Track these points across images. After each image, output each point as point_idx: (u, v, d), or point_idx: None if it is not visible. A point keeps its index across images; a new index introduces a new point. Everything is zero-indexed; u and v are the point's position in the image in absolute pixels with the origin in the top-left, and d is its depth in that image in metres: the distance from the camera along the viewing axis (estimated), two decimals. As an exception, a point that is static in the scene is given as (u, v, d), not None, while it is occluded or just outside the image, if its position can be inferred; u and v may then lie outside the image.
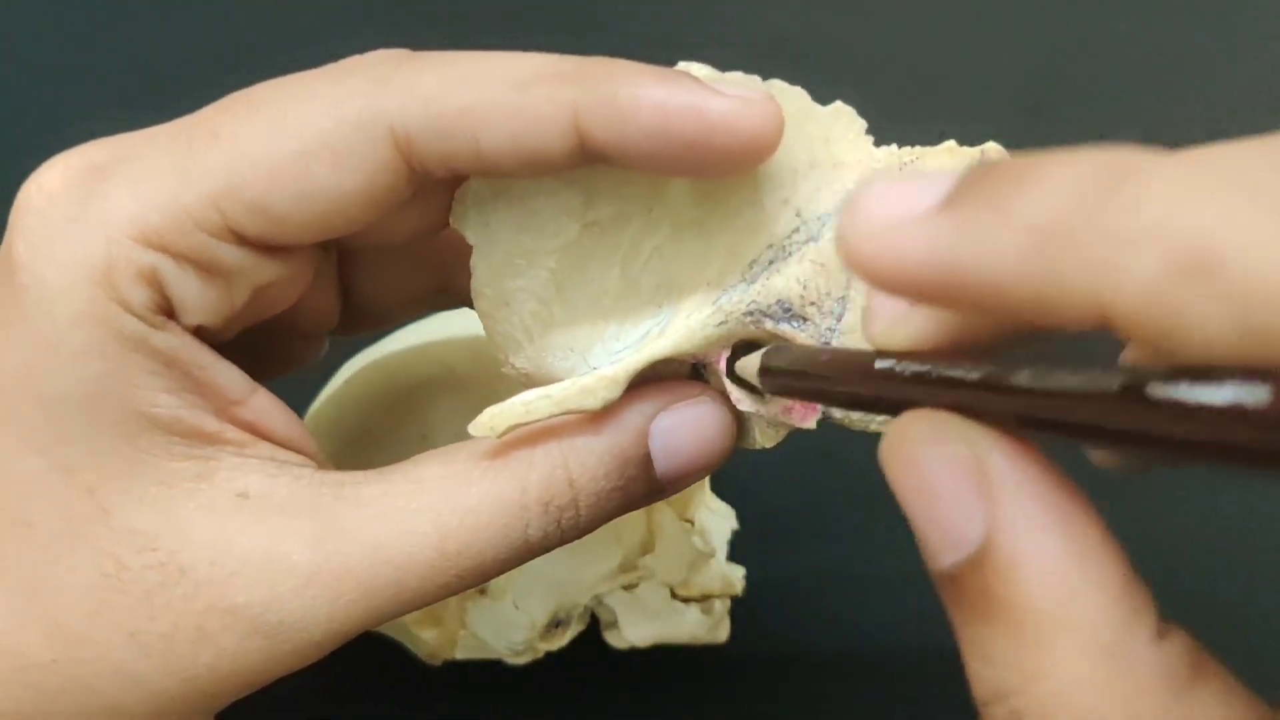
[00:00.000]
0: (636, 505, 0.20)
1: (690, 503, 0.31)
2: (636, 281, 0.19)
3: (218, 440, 0.19)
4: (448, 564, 0.18)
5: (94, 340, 0.17)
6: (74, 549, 0.18)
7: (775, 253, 0.19)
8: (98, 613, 0.18)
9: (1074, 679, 0.12)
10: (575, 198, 0.19)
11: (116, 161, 0.18)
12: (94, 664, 0.18)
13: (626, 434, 0.19)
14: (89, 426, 0.18)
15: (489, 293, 0.19)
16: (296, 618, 0.18)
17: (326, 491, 0.19)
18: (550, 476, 0.19)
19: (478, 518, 0.18)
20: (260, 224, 0.18)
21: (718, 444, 0.20)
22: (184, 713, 0.19)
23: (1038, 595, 0.12)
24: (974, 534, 0.13)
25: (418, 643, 0.31)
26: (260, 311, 0.20)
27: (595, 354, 0.19)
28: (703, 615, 0.31)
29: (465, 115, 0.17)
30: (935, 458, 0.13)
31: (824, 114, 0.19)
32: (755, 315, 0.19)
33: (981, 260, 0.12)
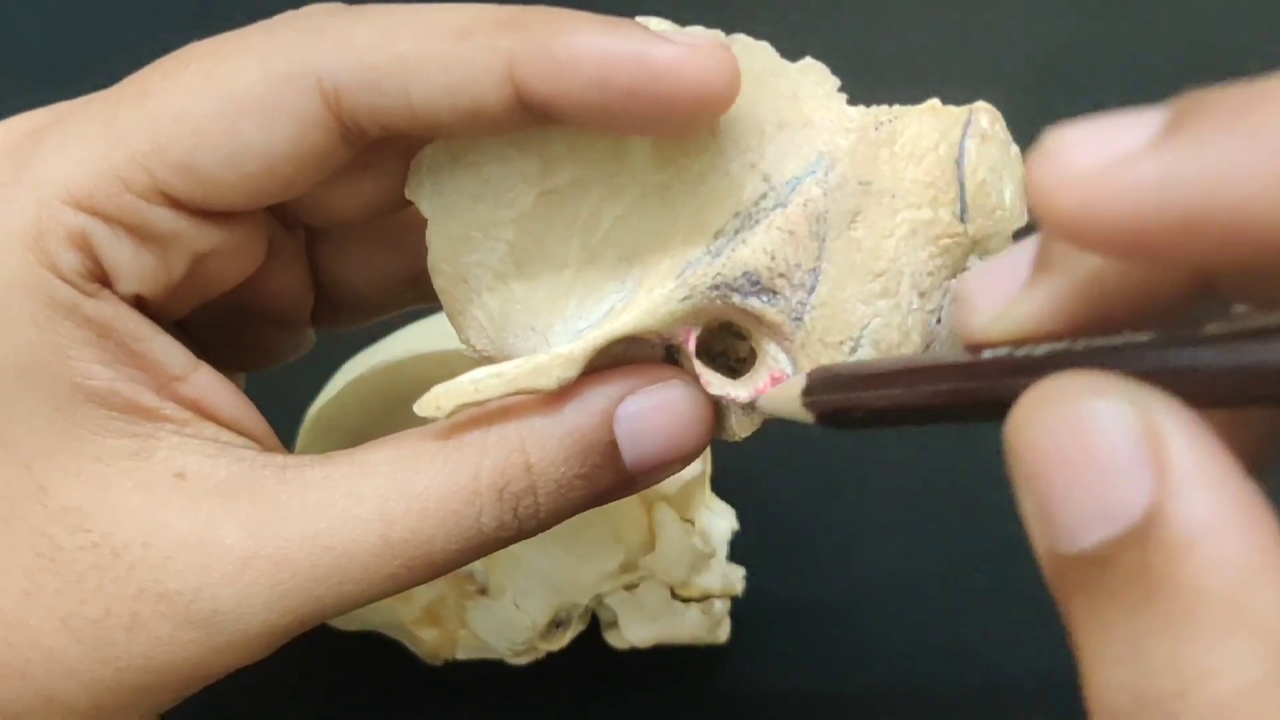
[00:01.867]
0: (605, 497, 0.19)
1: (690, 503, 0.31)
2: (598, 254, 0.18)
3: (157, 417, 0.18)
4: (392, 553, 0.17)
5: (25, 307, 0.17)
6: (10, 528, 0.17)
7: (742, 221, 0.18)
8: (31, 595, 0.17)
9: (1256, 678, 0.10)
10: (531, 164, 0.18)
11: (51, 125, 0.18)
12: (27, 649, 0.17)
13: (589, 417, 0.18)
14: (23, 399, 0.17)
15: (446, 268, 0.18)
16: (231, 606, 0.17)
17: (268, 474, 0.18)
18: (506, 461, 0.18)
19: (425, 504, 0.17)
20: (190, 185, 0.17)
21: (690, 431, 0.18)
22: (122, 706, 0.18)
23: (1215, 577, 0.10)
24: (1139, 503, 0.11)
25: (418, 643, 0.31)
26: (210, 286, 0.19)
27: (556, 332, 0.18)
28: (703, 615, 0.31)
29: (395, 67, 0.17)
30: (1098, 416, 0.11)
31: (792, 71, 0.18)
32: (722, 289, 0.18)
33: (1230, 188, 0.10)
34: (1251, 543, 0.11)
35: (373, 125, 0.17)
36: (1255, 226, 0.10)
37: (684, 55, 0.16)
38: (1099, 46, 0.41)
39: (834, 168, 0.18)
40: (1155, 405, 0.11)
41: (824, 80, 0.18)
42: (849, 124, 0.18)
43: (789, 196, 0.18)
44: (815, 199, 0.18)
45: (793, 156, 0.18)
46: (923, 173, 0.18)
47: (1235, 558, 0.11)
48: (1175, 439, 0.11)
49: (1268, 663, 0.10)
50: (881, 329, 0.18)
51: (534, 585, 0.30)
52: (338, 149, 0.17)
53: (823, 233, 0.18)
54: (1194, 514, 0.11)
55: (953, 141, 0.18)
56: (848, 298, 0.18)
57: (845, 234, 0.18)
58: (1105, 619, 0.12)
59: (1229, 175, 0.10)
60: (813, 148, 0.18)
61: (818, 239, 0.18)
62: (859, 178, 0.18)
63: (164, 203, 0.17)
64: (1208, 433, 0.11)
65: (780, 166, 0.18)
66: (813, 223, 0.18)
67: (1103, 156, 0.11)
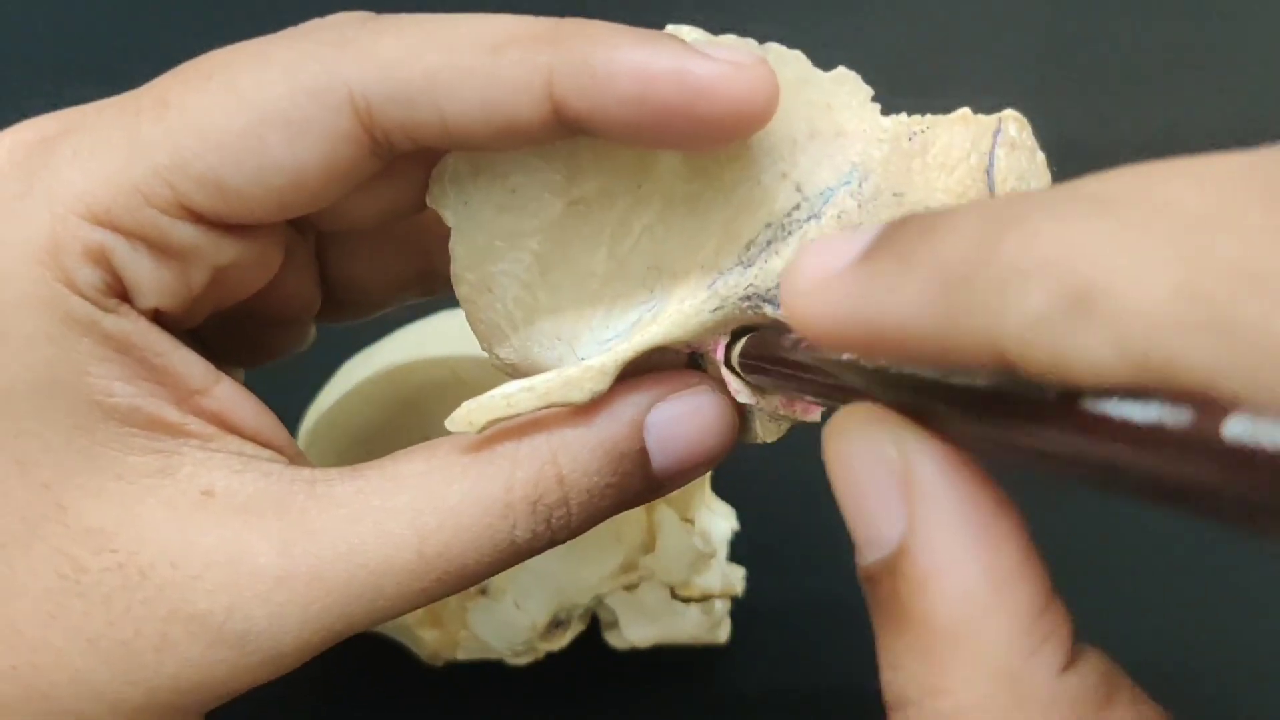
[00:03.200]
0: (633, 503, 0.19)
1: (691, 503, 0.31)
2: (626, 264, 0.18)
3: (180, 432, 0.17)
4: (427, 568, 0.17)
5: (41, 324, 0.16)
6: (31, 549, 0.17)
7: (774, 232, 0.18)
8: (56, 617, 0.17)
9: (971, 701, 0.12)
10: (557, 174, 0.18)
11: (65, 134, 0.17)
12: (52, 672, 0.17)
13: (620, 427, 0.18)
14: (42, 418, 0.17)
15: (470, 278, 0.18)
16: (263, 626, 0.17)
17: (298, 489, 0.18)
18: (538, 473, 0.17)
19: (459, 518, 0.17)
20: (213, 200, 0.17)
21: (718, 437, 0.18)
22: None
23: (945, 609, 0.12)
24: (892, 536, 0.13)
25: (419, 643, 0.31)
26: (226, 296, 0.19)
27: (584, 343, 0.18)
28: (703, 615, 0.31)
29: (428, 81, 0.16)
30: (863, 454, 0.13)
31: (825, 80, 0.18)
32: (753, 300, 0.18)
33: (889, 309, 0.12)
34: (982, 582, 0.12)
35: (404, 139, 0.17)
36: (913, 341, 0.12)
37: (725, 73, 0.16)
38: (1110, 44, 0.41)
39: (868, 179, 0.18)
40: (915, 448, 0.13)
41: (857, 90, 0.18)
42: (882, 135, 0.18)
43: (822, 208, 0.18)
44: (849, 210, 0.18)
45: (826, 166, 0.18)
46: (955, 183, 0.18)
47: (964, 594, 0.12)
48: (926, 482, 0.12)
49: (984, 686, 0.12)
50: None
51: (534, 586, 0.30)
52: (366, 163, 0.17)
53: None
54: (933, 553, 0.12)
55: (983, 151, 0.18)
56: None
57: None
58: (879, 628, 0.13)
59: (889, 299, 0.12)
60: (846, 158, 0.18)
61: None
62: (893, 189, 0.18)
63: (185, 217, 0.17)
64: (966, 476, 0.12)
65: (813, 177, 0.18)
66: None
67: (825, 270, 0.13)
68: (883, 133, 0.18)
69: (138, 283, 0.17)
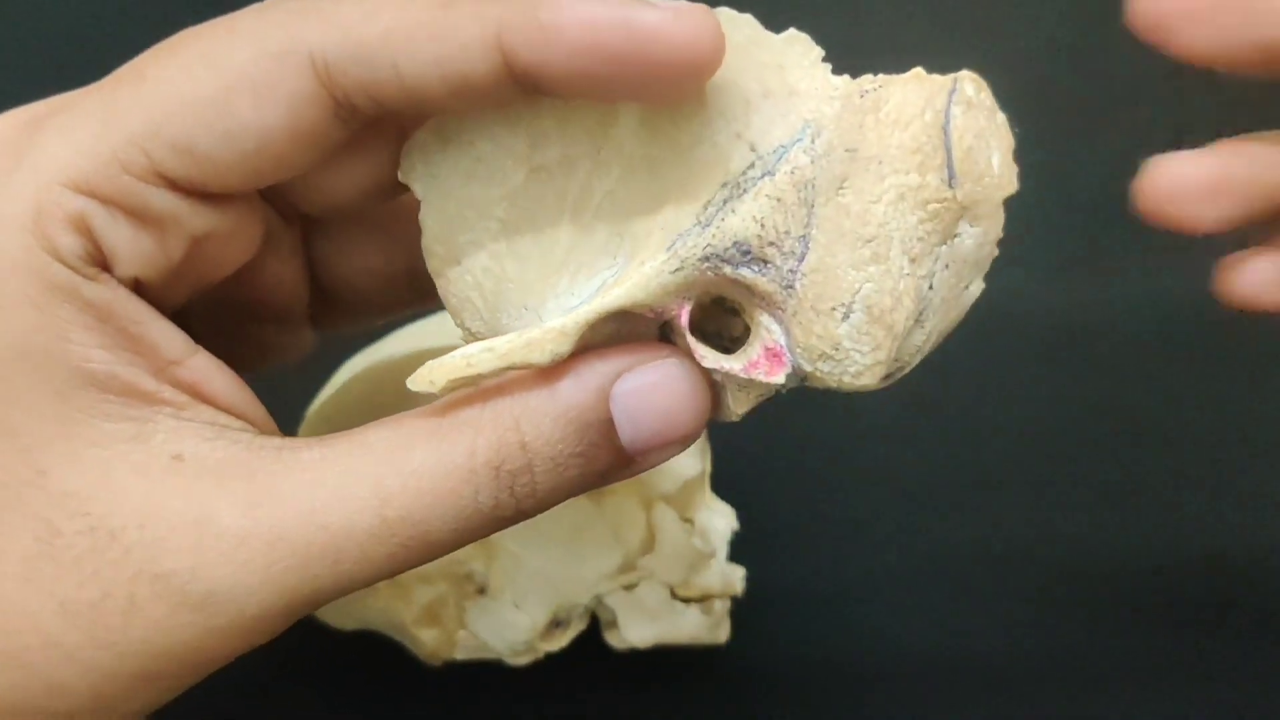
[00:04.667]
0: (606, 477, 0.19)
1: (690, 503, 0.31)
2: (589, 230, 0.18)
3: (155, 400, 0.18)
4: (389, 531, 0.17)
5: (25, 290, 0.17)
6: (11, 514, 0.17)
7: (730, 191, 0.18)
8: (30, 580, 0.17)
9: None
10: (520, 141, 0.18)
11: (53, 113, 0.18)
12: (27, 635, 0.17)
13: (585, 395, 0.18)
14: (24, 383, 0.17)
15: (439, 250, 0.19)
16: (226, 586, 0.17)
17: (265, 455, 0.18)
18: (500, 439, 0.18)
19: (421, 481, 0.17)
20: (187, 166, 0.17)
21: (687, 409, 0.18)
22: (123, 693, 0.18)
23: None
24: None
25: (418, 643, 0.31)
26: (205, 272, 0.19)
27: (550, 310, 0.18)
28: (703, 615, 0.31)
29: (383, 40, 0.17)
30: None
31: (777, 41, 0.18)
32: (712, 260, 0.18)
33: None
34: None
35: (365, 100, 0.17)
36: None
37: (668, 19, 0.16)
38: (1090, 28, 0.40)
39: (820, 135, 0.18)
40: None
41: (808, 50, 0.18)
42: (834, 92, 0.18)
43: (776, 165, 0.18)
44: (803, 166, 0.18)
45: (779, 125, 0.18)
46: (909, 138, 0.18)
47: None
48: None
49: None
50: (873, 294, 0.18)
51: (533, 585, 0.30)
52: (332, 127, 0.18)
53: (811, 199, 0.18)
54: None
55: (938, 109, 0.18)
56: (839, 264, 0.18)
57: (834, 200, 0.18)
58: None
59: None
60: (799, 116, 0.18)
61: (806, 205, 0.18)
62: (845, 144, 0.18)
63: (161, 184, 0.17)
64: None
65: (767, 136, 0.18)
66: (801, 189, 0.18)
67: None
68: (834, 90, 0.18)
69: (116, 250, 0.17)
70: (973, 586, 0.34)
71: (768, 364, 0.19)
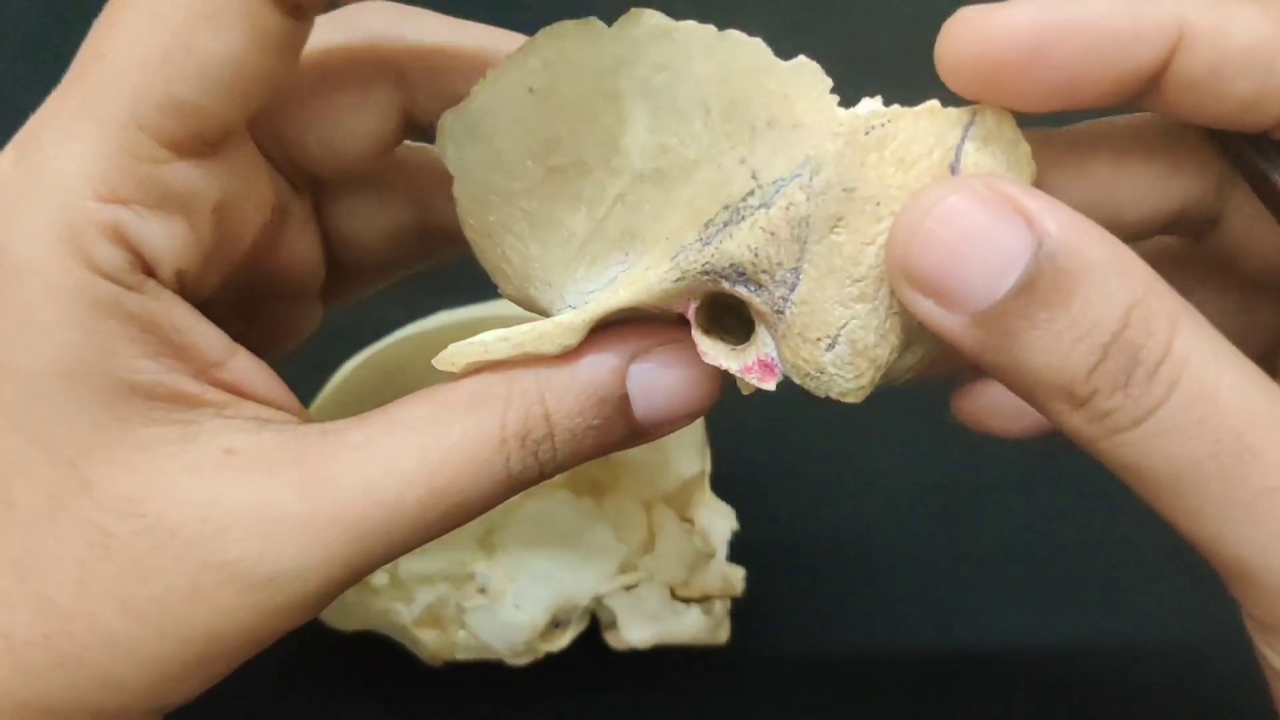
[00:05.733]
0: (618, 445, 0.20)
1: (690, 503, 0.31)
2: (603, 227, 0.19)
3: (199, 403, 0.18)
4: (435, 501, 0.18)
5: (67, 311, 0.17)
6: (59, 523, 0.18)
7: (730, 214, 0.18)
8: (87, 583, 0.18)
9: None
10: (536, 144, 0.18)
11: (41, 128, 0.18)
12: (86, 636, 0.18)
13: (603, 373, 0.19)
14: (67, 399, 0.17)
15: (472, 223, 0.20)
16: (292, 566, 0.18)
17: (312, 440, 0.19)
18: (528, 411, 0.19)
19: (463, 452, 0.18)
20: (181, 122, 0.17)
21: (698, 389, 0.20)
22: (180, 679, 0.18)
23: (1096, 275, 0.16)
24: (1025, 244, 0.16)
25: (418, 644, 0.31)
26: (231, 245, 0.20)
27: (570, 292, 0.19)
28: (703, 616, 0.31)
29: None
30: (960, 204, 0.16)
31: (785, 69, 0.18)
32: (712, 275, 0.19)
33: None
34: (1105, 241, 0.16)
35: None
36: None
37: None
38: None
39: (819, 172, 0.18)
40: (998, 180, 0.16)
41: (817, 80, 0.18)
42: (838, 127, 0.18)
43: (773, 198, 0.18)
44: (798, 203, 0.18)
45: (781, 156, 0.18)
46: (912, 179, 0.17)
47: (1103, 253, 0.16)
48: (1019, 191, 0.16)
49: None
50: (858, 330, 0.18)
51: (534, 586, 0.30)
52: (287, 25, 0.18)
53: (804, 236, 0.18)
54: (1059, 232, 0.16)
55: (949, 146, 0.18)
56: (827, 299, 0.18)
57: (827, 238, 0.18)
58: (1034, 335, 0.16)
59: None
60: (800, 150, 0.18)
61: (799, 242, 0.18)
62: (843, 184, 0.18)
63: (169, 156, 0.18)
64: None
65: (769, 165, 0.18)
66: (794, 226, 0.18)
67: None
68: (839, 126, 0.18)
69: (154, 247, 0.18)
70: (973, 587, 0.34)
71: (760, 372, 0.19)
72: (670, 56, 0.18)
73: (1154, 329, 0.16)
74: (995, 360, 0.17)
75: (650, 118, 0.18)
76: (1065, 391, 0.16)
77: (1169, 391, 0.16)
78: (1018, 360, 0.16)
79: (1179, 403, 0.16)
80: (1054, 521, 0.35)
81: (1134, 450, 0.16)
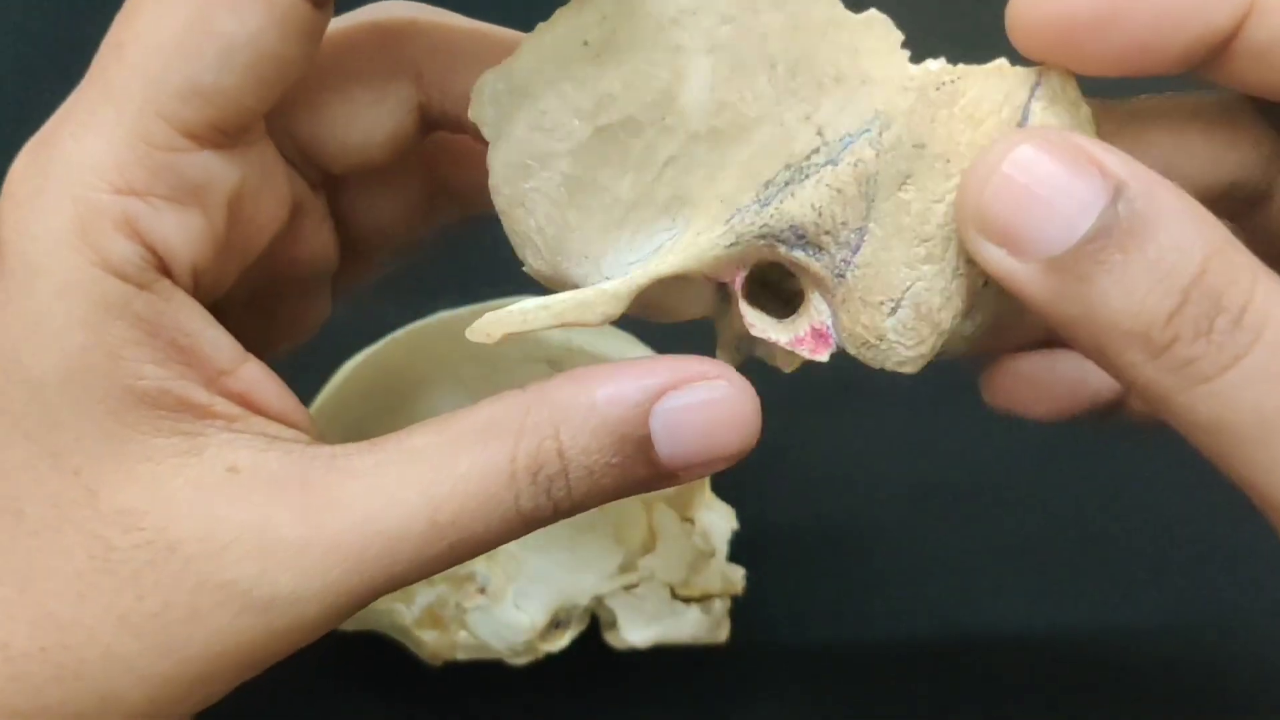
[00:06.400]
0: (644, 486, 0.19)
1: (691, 503, 0.31)
2: (650, 191, 0.18)
3: (207, 414, 0.18)
4: (439, 534, 0.18)
5: (75, 311, 0.17)
6: (63, 534, 0.17)
7: (792, 174, 0.18)
8: (86, 596, 0.17)
9: None
10: (586, 100, 0.18)
11: (60, 125, 0.18)
12: (83, 649, 0.17)
13: (624, 410, 0.18)
14: (74, 406, 0.17)
15: (506, 191, 0.19)
16: (288, 591, 0.17)
17: (318, 464, 0.18)
18: (540, 446, 0.18)
19: (468, 484, 0.18)
20: (200, 108, 0.17)
21: (733, 432, 0.18)
22: (179, 698, 0.18)
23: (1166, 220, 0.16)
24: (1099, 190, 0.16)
25: (419, 644, 0.31)
26: (247, 241, 0.19)
27: (608, 263, 0.19)
28: (703, 615, 0.31)
29: None
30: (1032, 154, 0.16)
31: (854, 23, 0.17)
32: (768, 239, 0.18)
33: None
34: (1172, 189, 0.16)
35: None
36: None
37: None
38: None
39: (889, 128, 0.17)
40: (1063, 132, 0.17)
41: (887, 35, 0.18)
42: (909, 83, 0.17)
43: (840, 154, 0.18)
44: (867, 159, 0.18)
45: (848, 113, 0.18)
46: (981, 136, 0.17)
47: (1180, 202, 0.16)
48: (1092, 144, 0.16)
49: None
50: (923, 292, 0.18)
51: (534, 586, 0.30)
52: (306, 9, 0.17)
53: (872, 194, 0.18)
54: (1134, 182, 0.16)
55: (1017, 104, 0.17)
56: (892, 259, 0.18)
57: (895, 196, 0.18)
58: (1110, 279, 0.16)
59: None
60: (869, 105, 0.17)
61: (866, 199, 0.18)
62: (914, 140, 0.17)
63: (187, 145, 0.17)
64: None
65: (835, 122, 0.18)
66: (862, 183, 0.18)
67: None
68: (909, 81, 0.17)
69: (169, 242, 0.17)
70: (973, 586, 0.34)
71: (813, 342, 0.19)
72: (738, 8, 0.17)
73: (1235, 277, 0.16)
74: (1067, 311, 0.16)
75: (711, 73, 0.18)
76: (1143, 338, 0.16)
77: (1254, 340, 0.16)
78: (1092, 307, 0.16)
79: (1265, 351, 0.16)
80: (1054, 521, 0.35)
81: (1217, 402, 0.16)
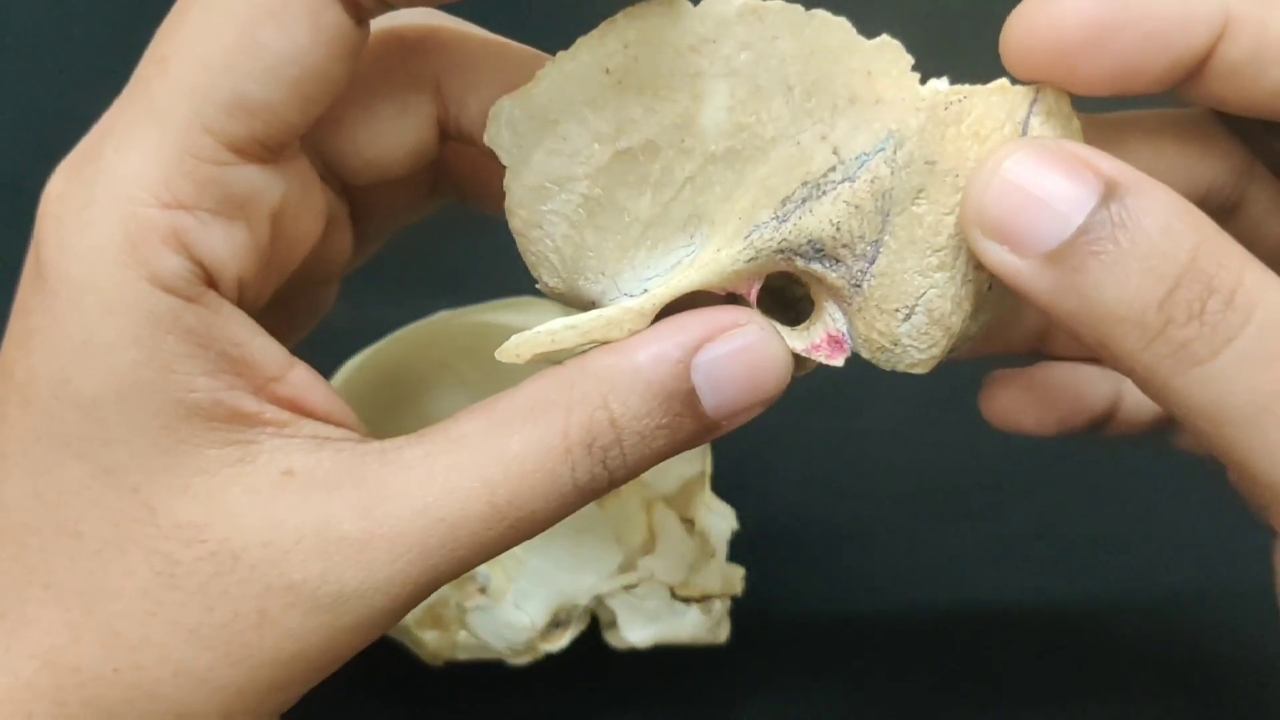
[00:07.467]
0: (691, 443, 0.19)
1: (690, 503, 0.31)
2: (668, 210, 0.19)
3: (258, 422, 0.18)
4: (499, 516, 0.18)
5: (126, 328, 0.17)
6: (124, 553, 0.17)
7: (809, 190, 0.19)
8: (154, 614, 0.17)
9: None
10: (606, 125, 0.18)
11: (102, 139, 0.18)
12: (156, 668, 0.17)
13: (668, 367, 0.18)
14: (128, 423, 0.17)
15: (522, 214, 0.19)
16: (354, 587, 0.18)
17: (370, 460, 0.18)
18: (591, 418, 0.18)
19: (523, 464, 0.18)
20: (245, 122, 0.17)
21: (769, 372, 0.19)
22: (252, 708, 0.18)
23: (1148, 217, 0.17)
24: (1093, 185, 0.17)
25: (419, 644, 0.31)
26: (287, 253, 0.20)
27: (626, 279, 0.19)
28: (703, 615, 0.31)
29: None
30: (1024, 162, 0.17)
31: (868, 47, 0.18)
32: (786, 253, 0.19)
33: None
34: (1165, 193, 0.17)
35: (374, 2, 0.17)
36: None
37: None
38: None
39: (902, 146, 0.18)
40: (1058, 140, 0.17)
41: (898, 59, 0.19)
42: (919, 103, 0.18)
43: (857, 172, 0.19)
44: (882, 177, 0.19)
45: (863, 132, 0.18)
46: (987, 151, 0.18)
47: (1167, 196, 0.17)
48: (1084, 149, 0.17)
49: None
50: (936, 299, 0.19)
51: (534, 586, 0.30)
52: (348, 26, 0.17)
53: (887, 208, 0.19)
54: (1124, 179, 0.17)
55: (1018, 120, 0.19)
56: (906, 269, 0.19)
57: (909, 210, 0.19)
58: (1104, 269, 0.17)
59: None
60: (883, 125, 0.18)
61: (881, 214, 0.19)
62: (925, 157, 0.18)
63: (232, 159, 0.17)
64: None
65: (850, 141, 0.19)
66: (879, 199, 0.19)
67: None
68: (920, 101, 0.18)
69: (216, 254, 0.18)
70: (973, 587, 0.34)
71: (829, 349, 0.20)
72: (756, 35, 0.18)
73: (1225, 262, 0.16)
74: (1065, 304, 0.17)
75: (729, 96, 0.18)
76: (1138, 324, 0.16)
77: (1245, 320, 0.16)
78: (1089, 298, 0.17)
79: (1257, 332, 0.16)
80: (1053, 521, 0.35)
81: (1212, 384, 0.16)
